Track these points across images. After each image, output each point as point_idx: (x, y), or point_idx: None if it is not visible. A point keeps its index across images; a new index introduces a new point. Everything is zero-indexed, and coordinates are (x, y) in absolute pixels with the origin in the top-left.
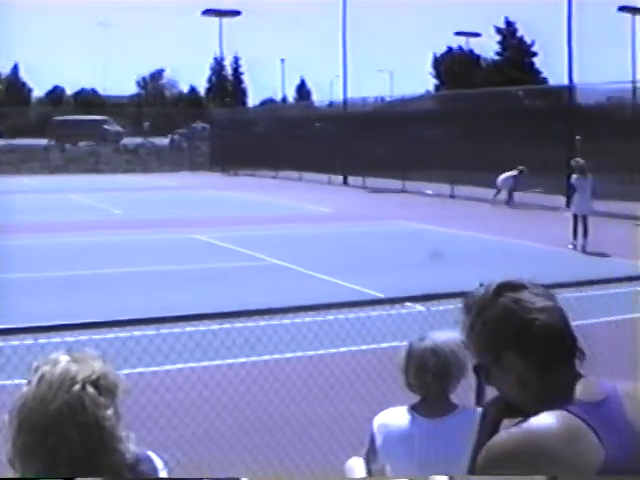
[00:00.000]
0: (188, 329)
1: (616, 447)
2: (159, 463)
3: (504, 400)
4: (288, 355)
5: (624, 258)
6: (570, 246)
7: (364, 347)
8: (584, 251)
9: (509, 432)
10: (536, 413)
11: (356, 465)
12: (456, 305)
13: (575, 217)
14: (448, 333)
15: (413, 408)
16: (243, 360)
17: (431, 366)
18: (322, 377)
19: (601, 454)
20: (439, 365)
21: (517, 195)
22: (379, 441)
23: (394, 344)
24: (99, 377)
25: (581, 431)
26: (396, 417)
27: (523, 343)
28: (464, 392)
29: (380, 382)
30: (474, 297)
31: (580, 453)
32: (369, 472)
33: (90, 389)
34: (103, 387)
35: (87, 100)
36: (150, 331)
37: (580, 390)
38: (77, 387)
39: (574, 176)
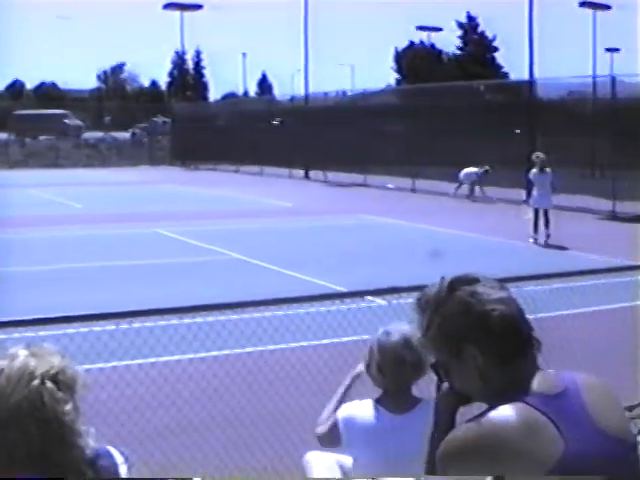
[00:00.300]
0: (148, 324)
1: (575, 439)
2: (119, 458)
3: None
4: (249, 349)
5: (585, 252)
6: (531, 240)
7: (325, 341)
8: (547, 243)
9: (467, 426)
10: (495, 406)
11: (314, 459)
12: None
13: (536, 211)
14: (407, 325)
15: (378, 402)
16: (203, 355)
17: (408, 360)
18: (283, 371)
19: (560, 446)
20: (415, 358)
21: (478, 189)
22: (345, 434)
23: (355, 338)
24: (58, 372)
25: (539, 423)
26: (362, 410)
27: (483, 335)
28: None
29: (342, 376)
30: (428, 294)
31: (539, 445)
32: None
33: (49, 384)
34: (62, 382)
35: (47, 94)
36: (110, 326)
37: (539, 382)
38: (36, 382)
39: (534, 170)
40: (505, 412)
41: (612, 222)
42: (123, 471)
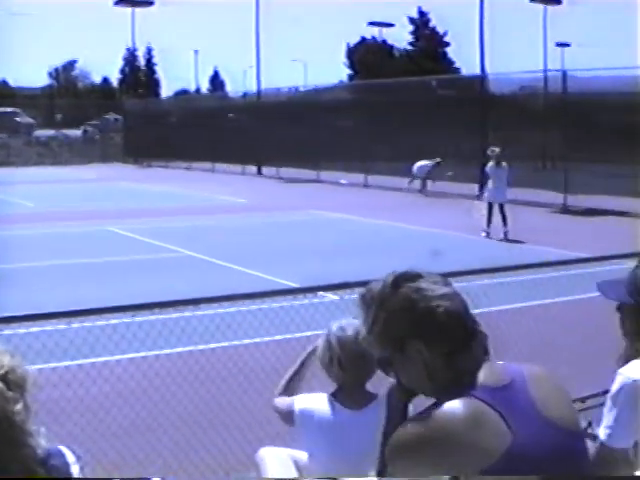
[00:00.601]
0: (100, 323)
1: (522, 430)
2: (71, 457)
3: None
4: (201, 347)
5: (539, 245)
6: (483, 234)
7: (278, 337)
8: (506, 238)
9: (414, 421)
10: (442, 399)
11: (267, 455)
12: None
13: (490, 205)
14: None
15: (334, 397)
16: (156, 352)
17: (368, 355)
18: (236, 368)
19: (507, 438)
20: (371, 353)
21: (431, 183)
22: (301, 428)
23: (308, 334)
24: (7, 371)
25: (486, 416)
26: (318, 405)
27: (428, 331)
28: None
29: None
30: (372, 291)
31: (486, 438)
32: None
33: None
34: (12, 381)
35: None
36: (61, 325)
37: (485, 375)
38: None
39: (490, 164)
40: (451, 406)
41: (564, 215)
42: (75, 471)
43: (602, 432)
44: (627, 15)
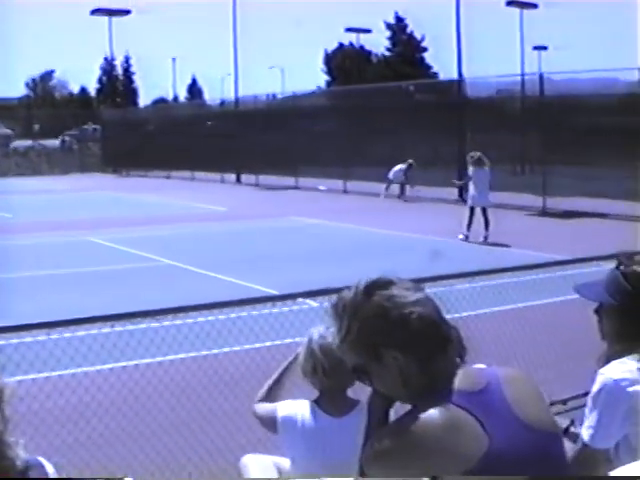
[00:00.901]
0: (79, 333)
1: (499, 434)
2: (50, 468)
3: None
4: (182, 355)
5: (518, 248)
6: (460, 236)
7: (258, 345)
8: (487, 242)
9: (389, 428)
10: (418, 405)
11: (250, 461)
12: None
13: (472, 209)
14: (326, 329)
15: (316, 404)
16: (136, 362)
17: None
18: (216, 376)
19: (484, 442)
20: None
21: (411, 189)
22: (283, 434)
23: (288, 341)
24: None
25: (462, 421)
26: (301, 412)
27: (402, 338)
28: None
29: None
30: (344, 299)
31: (463, 443)
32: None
33: None
34: None
35: None
36: (41, 336)
37: (460, 379)
38: None
39: (470, 168)
40: (427, 412)
41: (543, 218)
42: None
43: (584, 432)
44: (604, 18)
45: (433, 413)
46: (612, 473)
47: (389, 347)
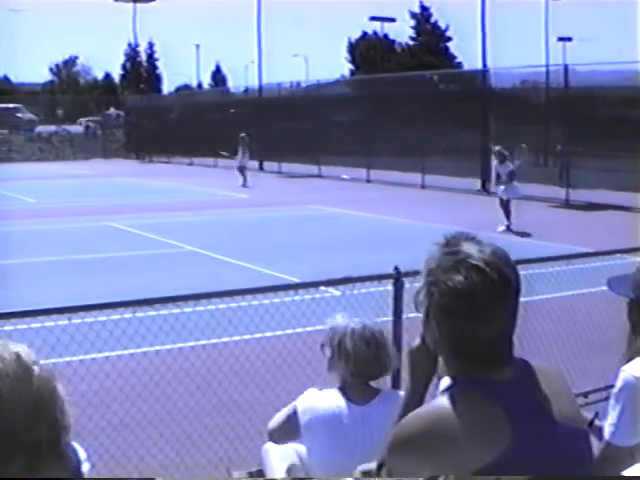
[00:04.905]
0: (101, 318)
1: (524, 427)
2: (82, 454)
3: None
4: (203, 342)
5: (541, 240)
6: (501, 228)
7: (279, 332)
8: (511, 232)
9: (416, 414)
10: (452, 387)
11: (272, 448)
12: (369, 289)
13: (501, 201)
14: (357, 318)
15: (341, 392)
16: (158, 348)
17: (380, 350)
18: (238, 363)
19: (508, 435)
20: (386, 350)
21: (435, 179)
22: (304, 422)
23: (309, 329)
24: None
25: (487, 412)
26: (323, 401)
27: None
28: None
29: (296, 367)
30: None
31: (487, 435)
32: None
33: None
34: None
35: None
36: (63, 321)
37: (490, 369)
38: (35, 367)
39: (494, 162)
40: (453, 400)
41: (566, 210)
42: (86, 468)
43: (606, 430)
44: (629, 10)
45: (458, 402)
46: (625, 473)
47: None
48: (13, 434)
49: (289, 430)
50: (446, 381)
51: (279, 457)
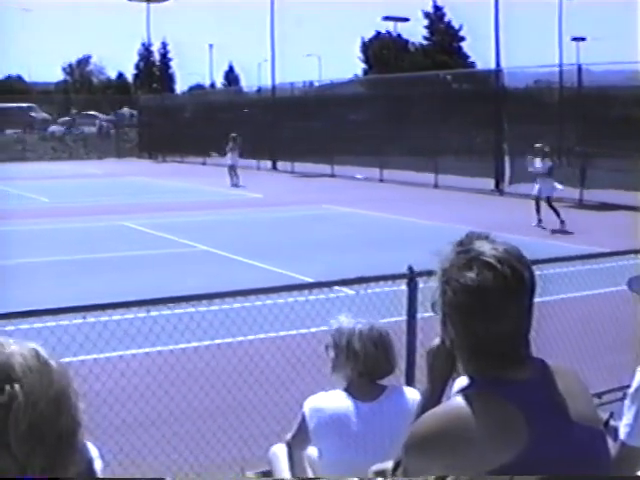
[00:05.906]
0: (116, 317)
1: (542, 427)
2: (94, 452)
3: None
4: (217, 341)
5: (553, 239)
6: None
7: (293, 332)
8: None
9: (433, 413)
10: (470, 384)
11: (280, 450)
12: (383, 289)
13: (539, 200)
14: (354, 318)
15: (348, 392)
16: (172, 347)
17: (387, 349)
18: (252, 363)
19: (525, 435)
20: (393, 349)
21: (448, 179)
22: (312, 424)
23: (323, 328)
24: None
25: (504, 412)
26: (330, 400)
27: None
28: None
29: (311, 366)
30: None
31: (504, 435)
32: (292, 456)
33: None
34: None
35: (13, 87)
36: (77, 320)
37: (508, 369)
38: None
39: (537, 160)
40: (470, 400)
41: (580, 210)
42: (98, 466)
43: (622, 430)
44: None
45: (475, 402)
46: None
47: (452, 317)
48: (39, 429)
49: (303, 437)
50: (461, 382)
51: (286, 459)
